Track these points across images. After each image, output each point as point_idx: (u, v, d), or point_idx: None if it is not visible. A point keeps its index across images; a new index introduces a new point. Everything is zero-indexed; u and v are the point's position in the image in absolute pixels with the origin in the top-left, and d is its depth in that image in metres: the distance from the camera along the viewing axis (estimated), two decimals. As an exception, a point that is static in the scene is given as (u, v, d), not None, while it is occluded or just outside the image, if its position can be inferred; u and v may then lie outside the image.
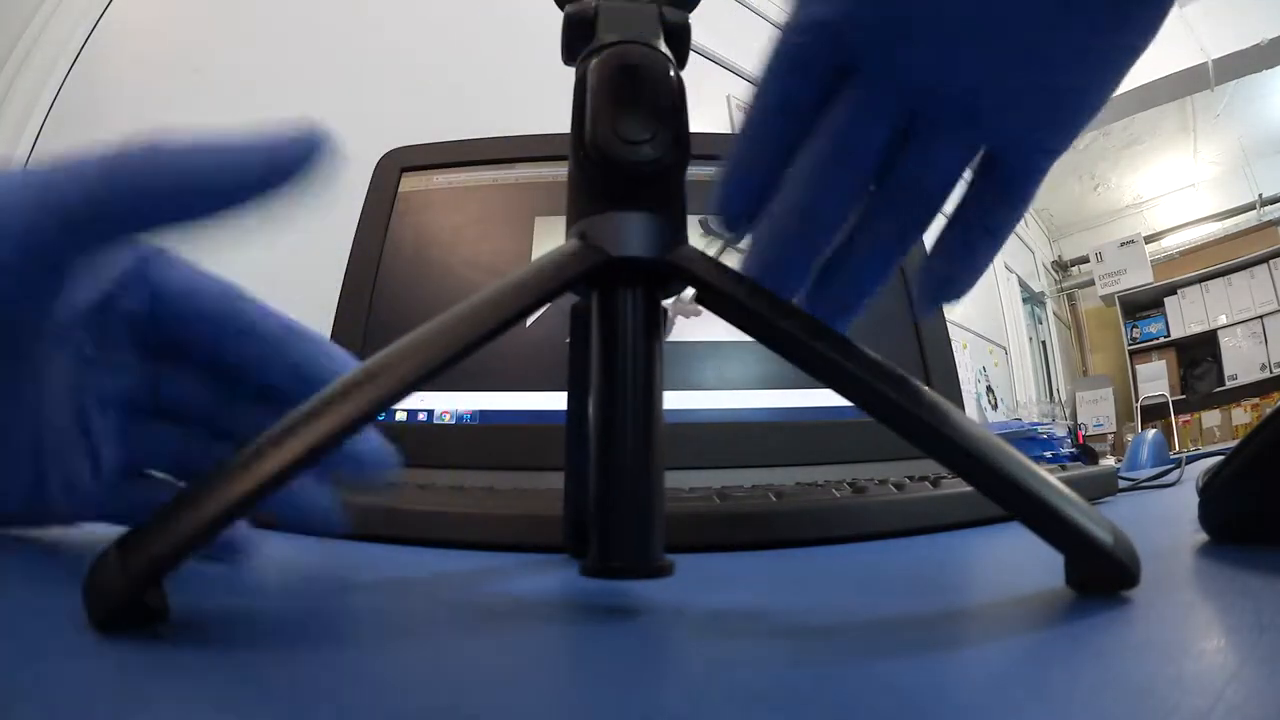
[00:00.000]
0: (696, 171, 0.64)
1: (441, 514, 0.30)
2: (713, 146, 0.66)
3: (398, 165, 0.56)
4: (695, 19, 0.22)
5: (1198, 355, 3.33)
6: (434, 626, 0.17)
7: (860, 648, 0.15)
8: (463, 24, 1.24)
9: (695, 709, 0.11)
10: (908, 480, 0.34)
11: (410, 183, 0.55)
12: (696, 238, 0.56)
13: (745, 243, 0.23)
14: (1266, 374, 3.06)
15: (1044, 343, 3.40)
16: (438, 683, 0.12)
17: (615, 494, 0.17)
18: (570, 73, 0.20)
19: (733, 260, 0.21)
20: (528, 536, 0.28)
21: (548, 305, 0.17)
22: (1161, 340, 3.45)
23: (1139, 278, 3.39)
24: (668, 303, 0.20)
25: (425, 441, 0.47)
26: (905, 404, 0.16)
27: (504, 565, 0.26)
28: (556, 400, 0.49)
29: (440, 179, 0.56)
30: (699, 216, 0.54)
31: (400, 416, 0.47)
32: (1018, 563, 0.25)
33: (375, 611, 0.19)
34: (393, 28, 1.16)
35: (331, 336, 0.51)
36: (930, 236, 0.23)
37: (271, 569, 0.22)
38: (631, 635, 0.16)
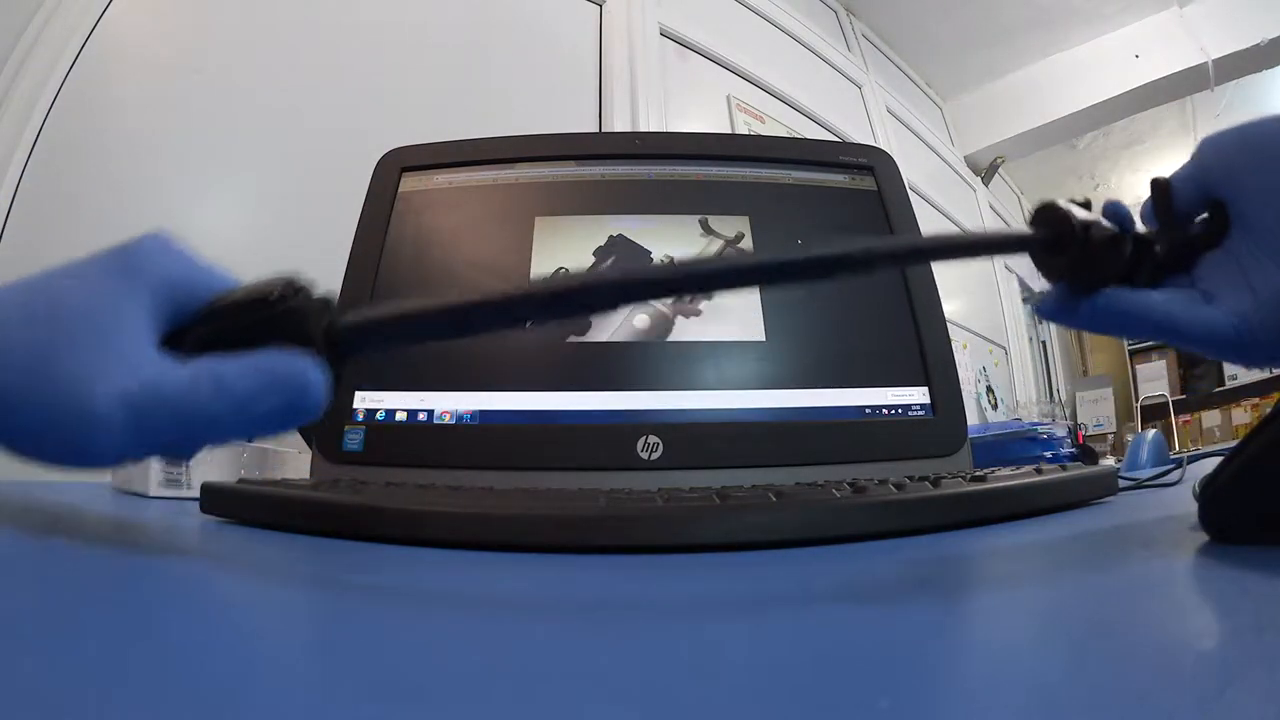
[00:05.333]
0: (697, 171, 0.64)
1: (444, 514, 0.30)
2: (712, 146, 0.65)
3: (398, 165, 0.56)
4: (695, 19, 0.23)
5: (1198, 355, 3.33)
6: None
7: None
8: (464, 24, 1.24)
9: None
10: (908, 480, 0.34)
11: (410, 183, 0.55)
12: (696, 237, 0.56)
13: (746, 243, 0.23)
14: (1266, 374, 3.06)
15: (1044, 343, 3.40)
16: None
17: None
18: (567, 72, 0.20)
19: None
20: (528, 536, 0.28)
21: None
22: (1161, 340, 3.45)
23: (1139, 278, 3.39)
24: (668, 302, 0.20)
25: (425, 441, 0.47)
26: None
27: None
28: (556, 400, 0.49)
29: (440, 179, 0.56)
30: (699, 217, 0.54)
31: (401, 417, 0.47)
32: (1019, 562, 0.25)
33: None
34: (393, 27, 1.16)
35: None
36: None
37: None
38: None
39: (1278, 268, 0.26)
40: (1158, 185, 0.30)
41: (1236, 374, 3.17)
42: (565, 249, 0.53)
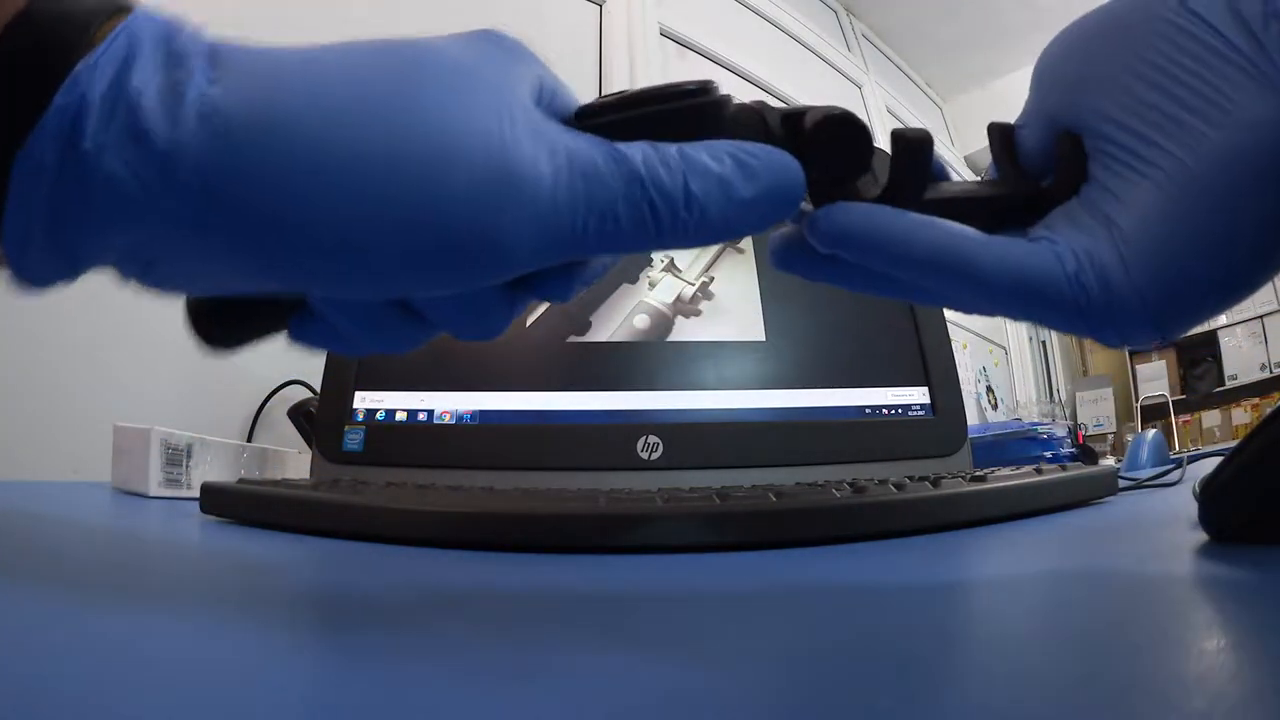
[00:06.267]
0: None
1: (444, 514, 0.30)
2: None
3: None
4: (695, 19, 0.23)
5: (1198, 355, 3.33)
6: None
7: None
8: (463, 24, 1.24)
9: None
10: (908, 480, 0.34)
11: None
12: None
13: (745, 242, 0.23)
14: (1266, 374, 3.06)
15: (1044, 342, 3.40)
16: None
17: None
18: (567, 72, 0.20)
19: (729, 264, 0.21)
20: (528, 537, 0.28)
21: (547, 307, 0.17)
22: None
23: (1139, 278, 3.38)
24: (668, 302, 0.20)
25: (425, 441, 0.47)
26: None
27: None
28: (556, 400, 0.49)
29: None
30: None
31: (400, 416, 0.47)
32: (1019, 563, 0.25)
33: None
34: (393, 27, 1.16)
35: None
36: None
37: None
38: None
39: (1151, 181, 0.18)
40: (996, 131, 0.23)
41: (1236, 374, 3.17)
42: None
